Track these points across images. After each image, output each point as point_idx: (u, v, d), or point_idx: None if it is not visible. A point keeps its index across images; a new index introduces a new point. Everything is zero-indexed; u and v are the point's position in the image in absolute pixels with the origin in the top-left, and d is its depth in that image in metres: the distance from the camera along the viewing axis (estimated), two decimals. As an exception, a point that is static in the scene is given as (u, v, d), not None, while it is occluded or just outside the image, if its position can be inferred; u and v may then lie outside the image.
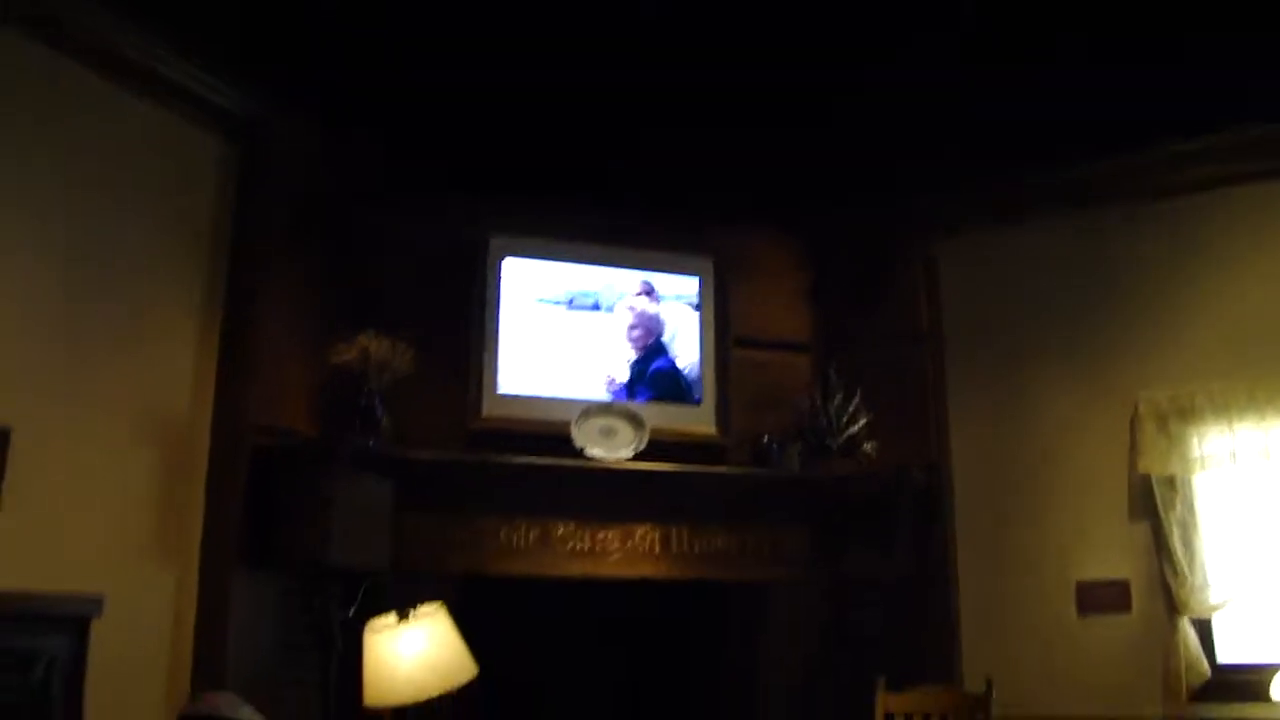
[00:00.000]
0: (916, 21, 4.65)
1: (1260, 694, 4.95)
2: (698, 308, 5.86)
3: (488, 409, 5.46)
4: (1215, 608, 5.27)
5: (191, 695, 4.19)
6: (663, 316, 5.82)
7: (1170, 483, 5.44)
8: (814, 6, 4.54)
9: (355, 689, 4.15)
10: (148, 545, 4.48)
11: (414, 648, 4.32)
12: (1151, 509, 5.45)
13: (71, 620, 3.65)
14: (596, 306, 5.75)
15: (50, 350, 4.18)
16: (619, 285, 5.80)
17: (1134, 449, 5.53)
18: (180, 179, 4.84)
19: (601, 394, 5.61)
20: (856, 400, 5.77)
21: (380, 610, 4.30)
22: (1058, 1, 4.52)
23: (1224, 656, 5.34)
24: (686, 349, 5.81)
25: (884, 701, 5.18)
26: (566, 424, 5.43)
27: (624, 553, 5.42)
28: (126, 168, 4.58)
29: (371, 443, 4.95)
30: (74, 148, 4.34)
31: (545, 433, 5.42)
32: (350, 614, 3.85)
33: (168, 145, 4.78)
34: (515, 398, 5.53)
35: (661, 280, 5.86)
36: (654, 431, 5.53)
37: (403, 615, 4.31)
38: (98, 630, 3.64)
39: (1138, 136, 5.50)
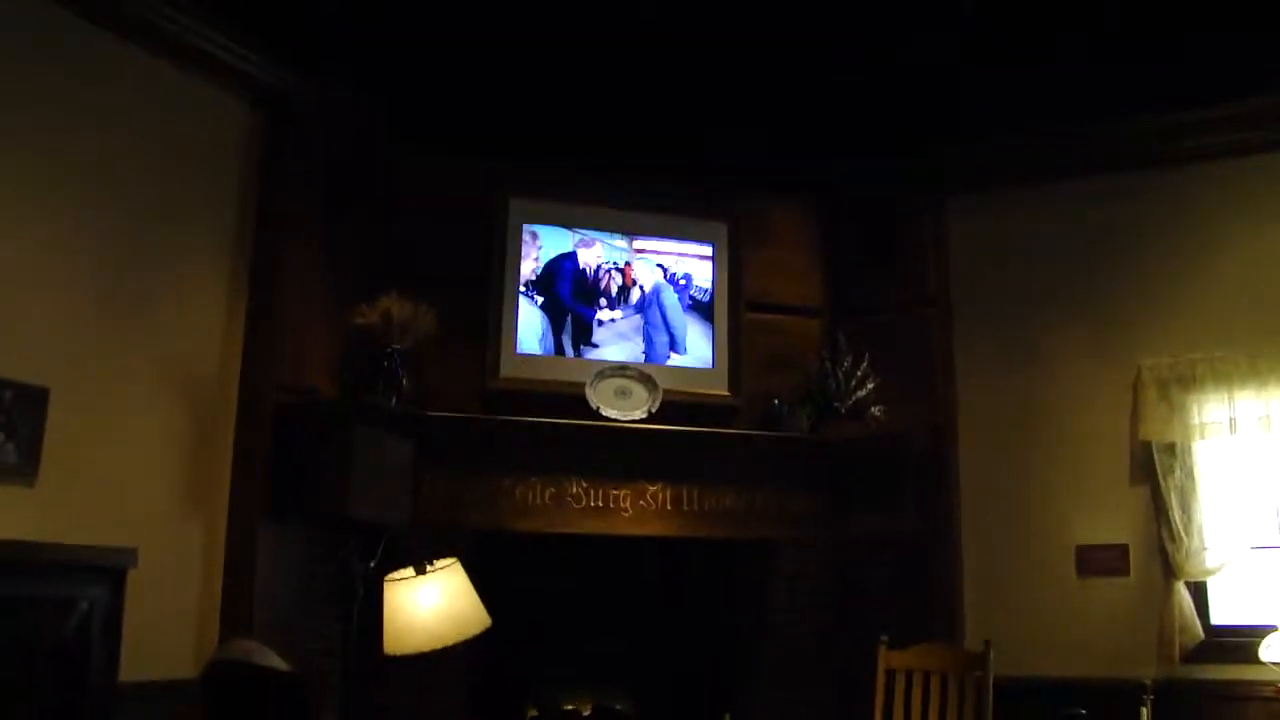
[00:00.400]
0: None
1: (1250, 656, 5.13)
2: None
3: (506, 370, 5.62)
4: (1210, 572, 5.43)
5: (221, 642, 4.38)
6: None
7: (1170, 449, 5.58)
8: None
9: (375, 638, 4.33)
10: (178, 499, 4.69)
11: (430, 599, 4.49)
12: (1151, 474, 5.60)
13: (109, 570, 3.87)
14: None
15: (85, 313, 4.37)
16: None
17: (1135, 416, 5.67)
18: (209, 146, 5.00)
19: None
20: (865, 364, 5.90)
21: (399, 563, 4.47)
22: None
23: (1217, 619, 5.50)
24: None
25: (886, 658, 5.33)
26: (582, 385, 5.59)
27: (636, 511, 5.59)
28: (158, 135, 4.74)
29: (393, 402, 5.12)
30: (108, 116, 4.51)
31: (562, 393, 5.58)
32: (371, 566, 4.02)
33: (197, 113, 4.93)
34: (533, 358, 5.69)
35: (674, 244, 5.99)
36: (667, 393, 5.68)
37: (420, 569, 4.48)
38: (133, 579, 3.85)
39: (1146, 104, 5.60)
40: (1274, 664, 5.01)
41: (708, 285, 6.00)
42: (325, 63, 5.21)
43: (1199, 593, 5.50)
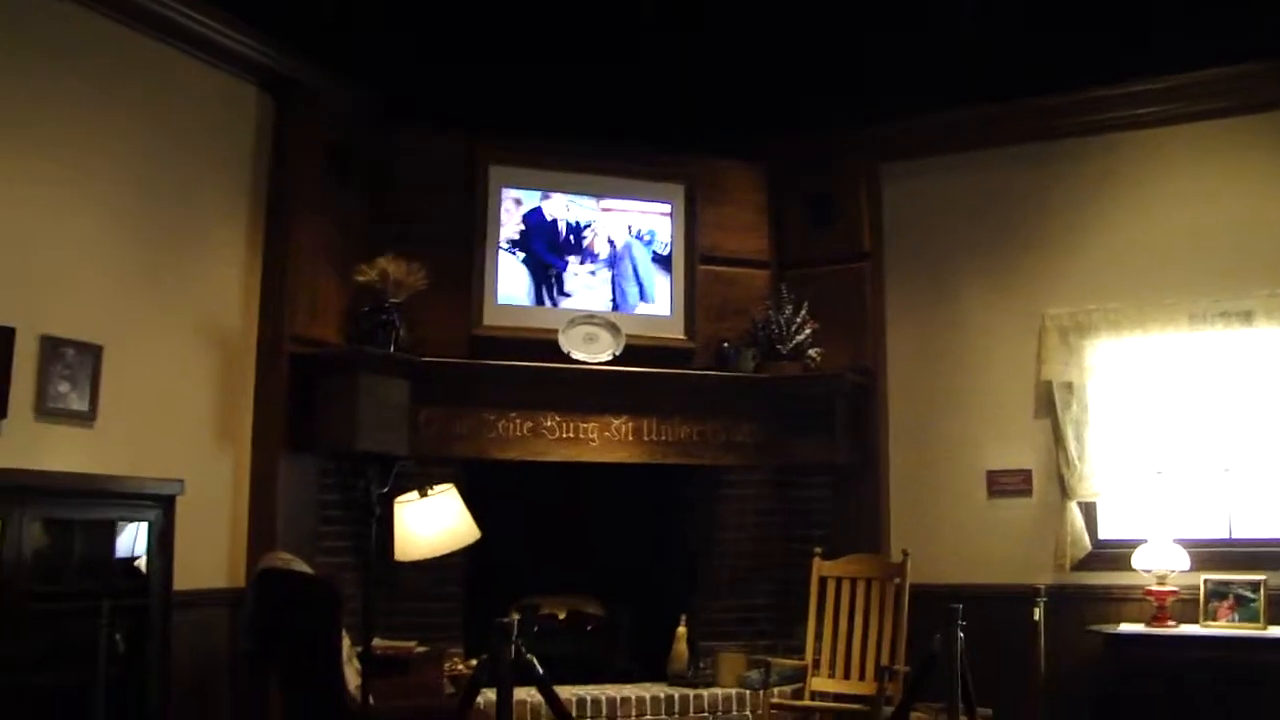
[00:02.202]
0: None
1: (1127, 564, 6.02)
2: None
3: (488, 319, 6.36)
4: (1098, 494, 6.30)
5: (260, 556, 5.18)
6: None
7: (1068, 387, 6.41)
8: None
9: (386, 548, 5.15)
10: (210, 436, 5.49)
11: (431, 517, 5.34)
12: (1051, 409, 6.44)
13: (163, 498, 4.69)
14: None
15: (128, 281, 5.12)
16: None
17: (1039, 358, 6.50)
18: (226, 126, 5.71)
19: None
20: (804, 311, 6.66)
21: (405, 489, 5.28)
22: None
23: (1104, 534, 6.38)
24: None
25: (819, 567, 6.21)
26: (555, 331, 6.35)
27: (602, 441, 6.39)
28: (180, 120, 5.44)
29: (390, 349, 5.88)
30: (136, 108, 5.20)
31: (538, 338, 6.34)
32: (385, 491, 4.78)
33: (214, 99, 5.64)
34: (512, 307, 6.44)
35: (636, 204, 6.72)
36: (630, 337, 6.44)
37: (423, 492, 5.30)
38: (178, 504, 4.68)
39: (1054, 84, 6.35)
40: (1144, 570, 5.90)
41: (667, 240, 6.74)
42: (328, 50, 5.91)
43: (1089, 511, 6.37)
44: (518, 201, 6.52)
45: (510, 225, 6.49)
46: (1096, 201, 6.50)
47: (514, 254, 6.48)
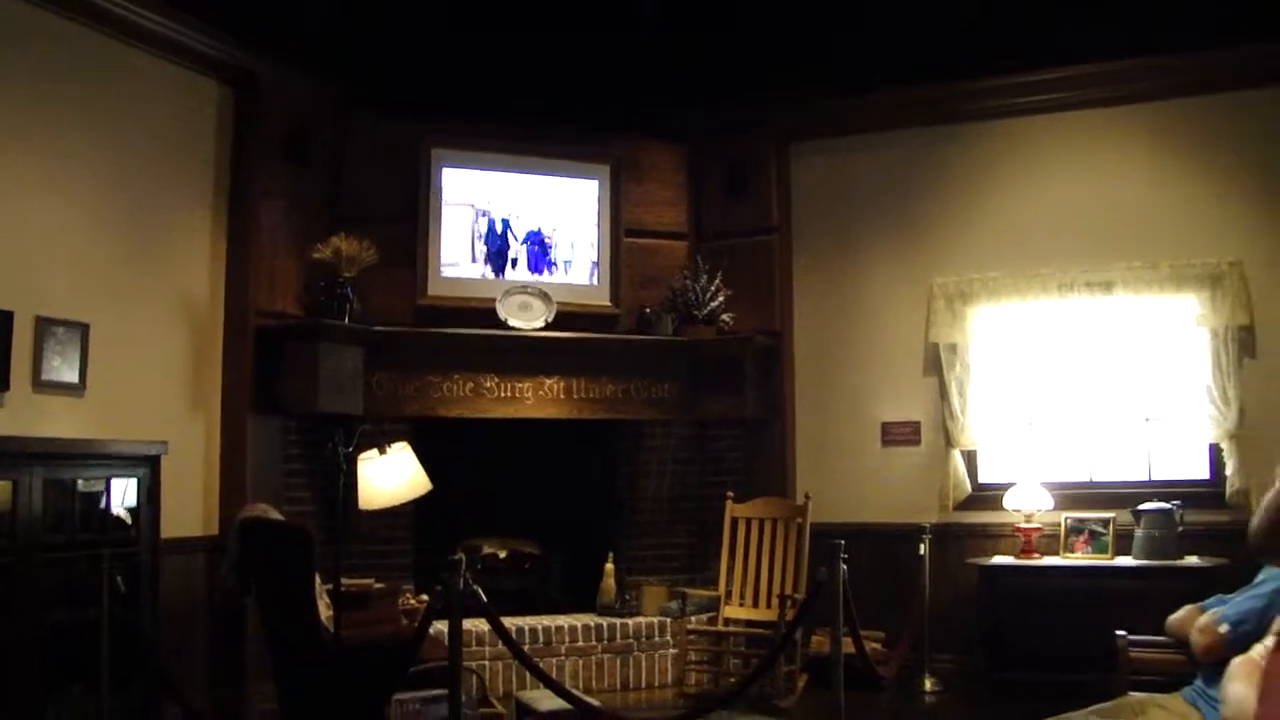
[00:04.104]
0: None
1: (1001, 505, 6.82)
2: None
3: (433, 289, 6.99)
4: (977, 442, 7.10)
5: (240, 507, 5.79)
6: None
7: (953, 348, 7.18)
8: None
9: (350, 499, 5.80)
10: (186, 402, 6.12)
11: (390, 472, 6.00)
12: (938, 368, 7.22)
13: (149, 459, 5.32)
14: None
15: (108, 264, 5.72)
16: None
17: (928, 322, 7.27)
18: (190, 120, 6.28)
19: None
20: (719, 280, 7.36)
21: (366, 447, 5.92)
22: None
23: (984, 478, 7.19)
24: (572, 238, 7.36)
25: (731, 510, 6.95)
26: (493, 300, 7.00)
27: (536, 399, 7.07)
28: (149, 117, 6.01)
29: (345, 320, 6.49)
30: (105, 102, 5.76)
31: (477, 307, 6.98)
32: (350, 449, 5.38)
33: (177, 93, 6.20)
34: (452, 279, 7.08)
35: (566, 181, 7.36)
36: (561, 305, 7.09)
37: (382, 450, 5.97)
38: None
39: (947, 73, 7.03)
40: (1014, 510, 6.72)
41: (594, 216, 7.39)
42: (283, 43, 6.44)
43: (970, 459, 7.19)
44: (458, 180, 7.11)
45: (469, 219, 7.11)
46: (982, 182, 7.24)
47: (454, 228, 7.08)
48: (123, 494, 5.29)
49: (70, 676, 4.83)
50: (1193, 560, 6.24)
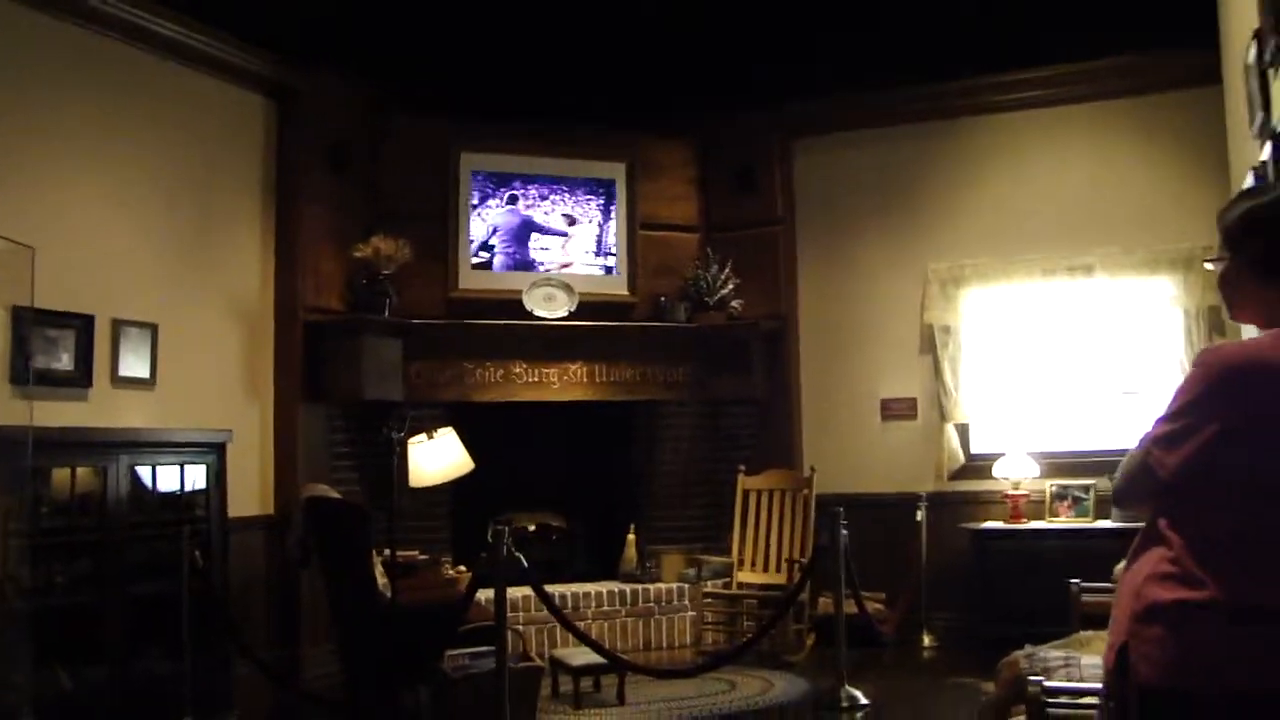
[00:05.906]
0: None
1: (991, 474, 7.37)
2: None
3: (463, 283, 7.54)
4: (969, 417, 7.64)
5: (300, 486, 6.32)
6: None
7: (946, 329, 7.70)
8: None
9: (401, 479, 6.35)
10: (242, 392, 6.70)
11: (437, 454, 6.56)
12: (933, 348, 7.74)
13: (217, 446, 5.90)
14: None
15: (171, 269, 6.28)
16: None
17: (923, 305, 7.79)
18: (238, 131, 6.82)
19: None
20: (728, 269, 7.89)
21: (414, 432, 6.46)
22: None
23: (976, 449, 7.73)
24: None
25: (743, 482, 7.53)
26: (519, 291, 7.53)
27: (561, 383, 7.62)
28: (201, 132, 6.55)
29: (385, 314, 7.05)
30: (164, 120, 6.30)
31: (505, 299, 7.52)
32: (402, 434, 5.91)
33: (226, 108, 6.74)
34: (482, 273, 7.62)
35: (586, 179, 7.88)
36: (582, 295, 7.62)
37: (430, 434, 6.53)
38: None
39: (945, 71, 7.52)
40: (1003, 478, 7.26)
41: (612, 210, 7.92)
42: (321, 55, 6.96)
43: (963, 432, 7.73)
44: (486, 180, 7.65)
45: (499, 215, 7.65)
46: (973, 173, 7.76)
47: (497, 231, 7.62)
48: (194, 478, 5.87)
49: (150, 640, 5.43)
50: (1166, 522, 6.74)
